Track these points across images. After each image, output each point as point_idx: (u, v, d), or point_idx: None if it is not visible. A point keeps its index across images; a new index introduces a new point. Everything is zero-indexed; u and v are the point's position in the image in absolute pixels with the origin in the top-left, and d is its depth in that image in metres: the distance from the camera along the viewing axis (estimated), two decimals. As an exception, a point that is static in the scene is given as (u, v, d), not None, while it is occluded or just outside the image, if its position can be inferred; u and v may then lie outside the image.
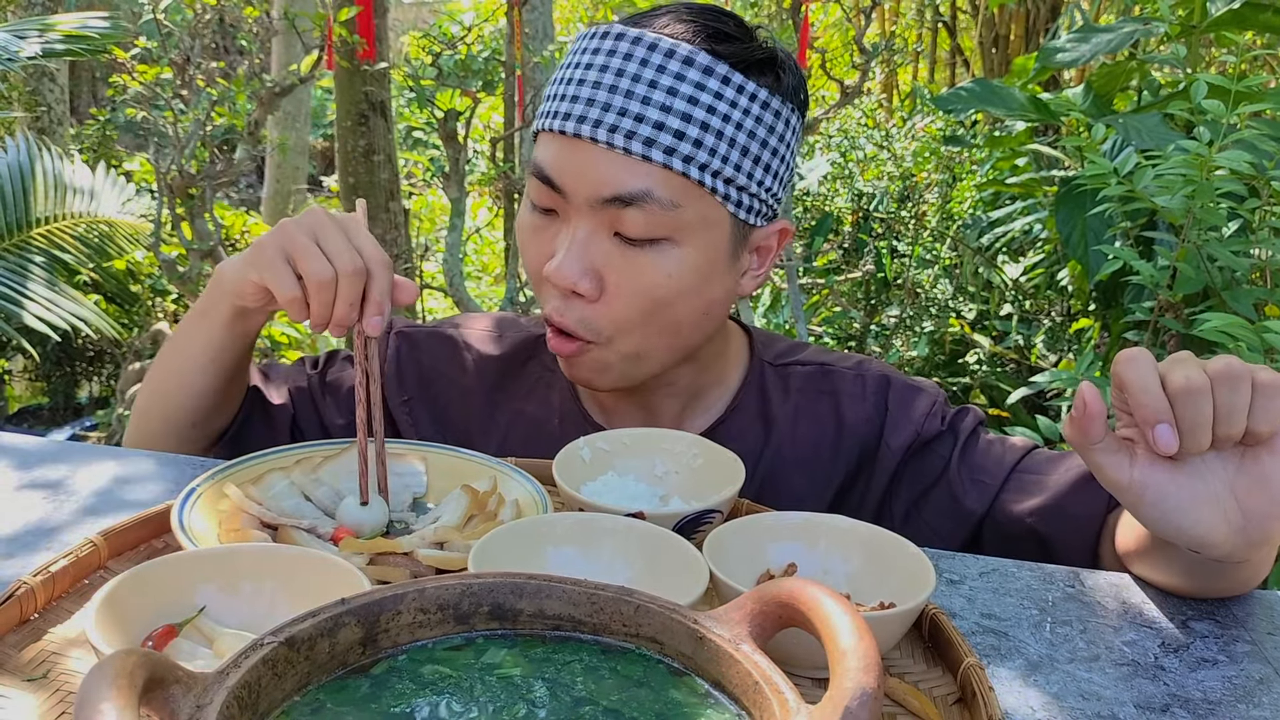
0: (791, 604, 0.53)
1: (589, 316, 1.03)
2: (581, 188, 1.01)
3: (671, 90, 1.00)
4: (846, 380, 1.19)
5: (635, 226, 1.00)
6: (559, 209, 1.04)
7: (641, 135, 0.99)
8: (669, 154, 0.99)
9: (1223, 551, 0.82)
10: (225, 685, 0.47)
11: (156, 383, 1.14)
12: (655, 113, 0.99)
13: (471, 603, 0.58)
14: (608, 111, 1.00)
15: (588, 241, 1.01)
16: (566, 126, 1.01)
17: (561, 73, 1.06)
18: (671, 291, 1.03)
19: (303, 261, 0.92)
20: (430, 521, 0.90)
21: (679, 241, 1.02)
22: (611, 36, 1.03)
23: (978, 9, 6.85)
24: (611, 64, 1.01)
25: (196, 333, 1.09)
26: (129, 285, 4.95)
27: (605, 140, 0.99)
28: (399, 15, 11.78)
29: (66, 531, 0.92)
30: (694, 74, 1.00)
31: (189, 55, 3.74)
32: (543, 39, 6.84)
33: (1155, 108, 2.60)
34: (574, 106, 1.01)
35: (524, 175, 4.66)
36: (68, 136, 6.23)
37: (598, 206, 1.00)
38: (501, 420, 1.19)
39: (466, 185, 4.12)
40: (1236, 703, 0.77)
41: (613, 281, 1.02)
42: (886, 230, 4.48)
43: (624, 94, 1.00)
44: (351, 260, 0.92)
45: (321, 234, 0.93)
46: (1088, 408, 0.80)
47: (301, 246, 0.92)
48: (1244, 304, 1.71)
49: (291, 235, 0.94)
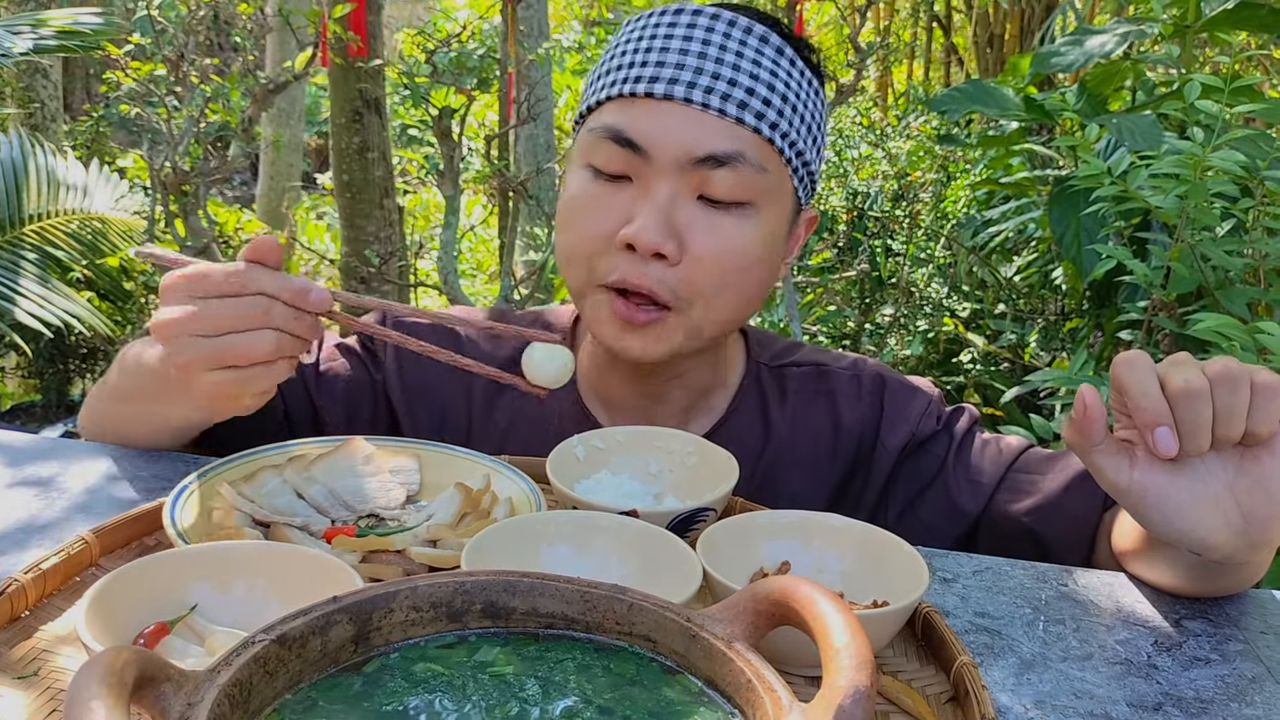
0: (785, 602, 0.53)
1: (669, 279, 1.02)
2: (670, 148, 1.00)
3: (755, 61, 1.03)
4: (842, 380, 1.19)
5: (723, 188, 1.01)
6: (634, 173, 1.03)
7: (735, 98, 1.01)
8: (759, 119, 1.02)
9: (1223, 553, 0.82)
10: (216, 683, 0.47)
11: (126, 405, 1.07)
12: (745, 79, 1.02)
13: (464, 601, 0.57)
14: (700, 75, 1.01)
15: (671, 203, 1.01)
16: (655, 89, 1.01)
17: (629, 44, 1.06)
18: (749, 258, 1.04)
19: (244, 356, 0.85)
20: (423, 519, 0.90)
21: (759, 207, 1.04)
22: (687, 12, 1.05)
23: (972, 7, 6.86)
24: (695, 34, 1.03)
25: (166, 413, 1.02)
26: (122, 282, 4.94)
27: (701, 101, 1.00)
28: (393, 12, 11.77)
29: (58, 528, 0.91)
30: (769, 50, 1.04)
31: (183, 52, 3.73)
32: (538, 36, 6.85)
33: (1149, 108, 2.61)
34: (661, 70, 1.02)
35: (519, 173, 4.66)
36: (61, 133, 6.21)
37: (686, 168, 1.01)
38: (501, 419, 1.18)
39: (461, 183, 4.11)
40: (1229, 701, 0.77)
41: (696, 243, 1.02)
42: (881, 229, 4.48)
43: (714, 60, 1.02)
44: (252, 307, 0.84)
45: (202, 325, 0.84)
46: (1088, 410, 0.80)
47: (221, 352, 0.85)
48: (1237, 303, 1.72)
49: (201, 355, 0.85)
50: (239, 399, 0.90)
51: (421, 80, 3.80)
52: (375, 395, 1.18)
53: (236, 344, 0.85)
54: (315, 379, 1.18)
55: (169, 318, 0.86)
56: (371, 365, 1.19)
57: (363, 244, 4.70)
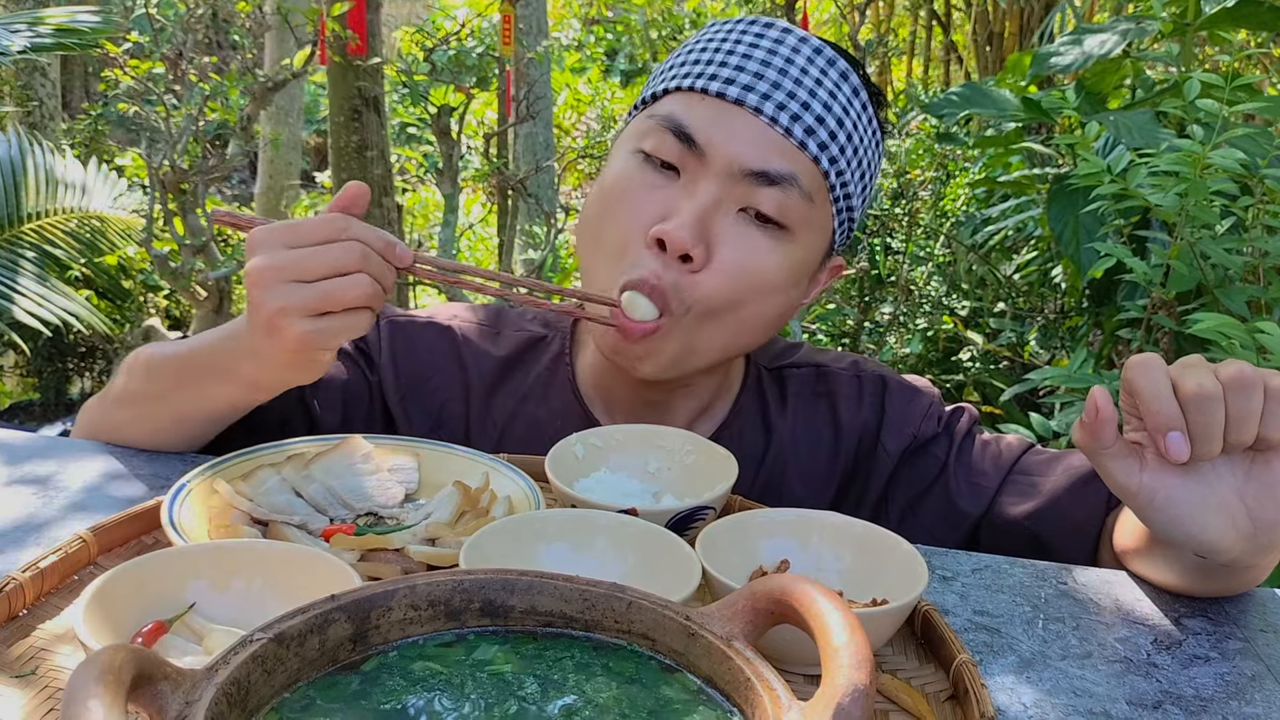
0: (784, 600, 0.53)
1: (684, 284, 0.99)
2: (727, 153, 0.98)
3: (832, 93, 1.02)
4: (842, 381, 1.18)
5: (768, 206, 0.99)
6: (685, 168, 1.00)
7: (804, 121, 1.00)
8: (821, 148, 1.00)
9: (1230, 557, 0.82)
10: (214, 682, 0.47)
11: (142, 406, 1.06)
12: (818, 106, 1.00)
13: (463, 599, 0.57)
14: (776, 89, 0.99)
15: (714, 208, 0.99)
16: (728, 90, 0.99)
17: (711, 43, 1.04)
18: (770, 282, 1.02)
19: (340, 300, 0.84)
20: (422, 518, 0.90)
21: (796, 235, 1.02)
22: (777, 29, 1.04)
23: (971, 5, 6.86)
24: (780, 50, 1.02)
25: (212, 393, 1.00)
26: (121, 281, 4.94)
27: (770, 115, 0.99)
28: (392, 10, 11.76)
29: (56, 527, 0.91)
30: (846, 88, 1.03)
31: (181, 50, 3.73)
32: (536, 35, 6.85)
33: (1147, 104, 2.61)
34: (737, 74, 1.00)
35: (518, 171, 4.66)
36: (59, 131, 6.21)
37: (737, 176, 0.99)
38: (499, 420, 1.17)
39: (460, 181, 4.11)
40: (1229, 700, 0.77)
41: (721, 254, 0.99)
42: (880, 227, 4.48)
43: (793, 80, 1.00)
44: (348, 252, 0.84)
45: (299, 271, 0.84)
46: (1100, 413, 0.79)
47: (317, 297, 0.84)
48: (1237, 302, 1.72)
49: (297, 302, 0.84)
50: (324, 352, 0.89)
51: (420, 78, 3.80)
52: (370, 397, 1.16)
53: (334, 288, 0.84)
54: (311, 385, 1.14)
55: (265, 265, 0.85)
56: (366, 367, 1.17)
57: (362, 242, 4.68)
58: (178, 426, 1.05)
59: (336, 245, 0.85)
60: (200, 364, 1.00)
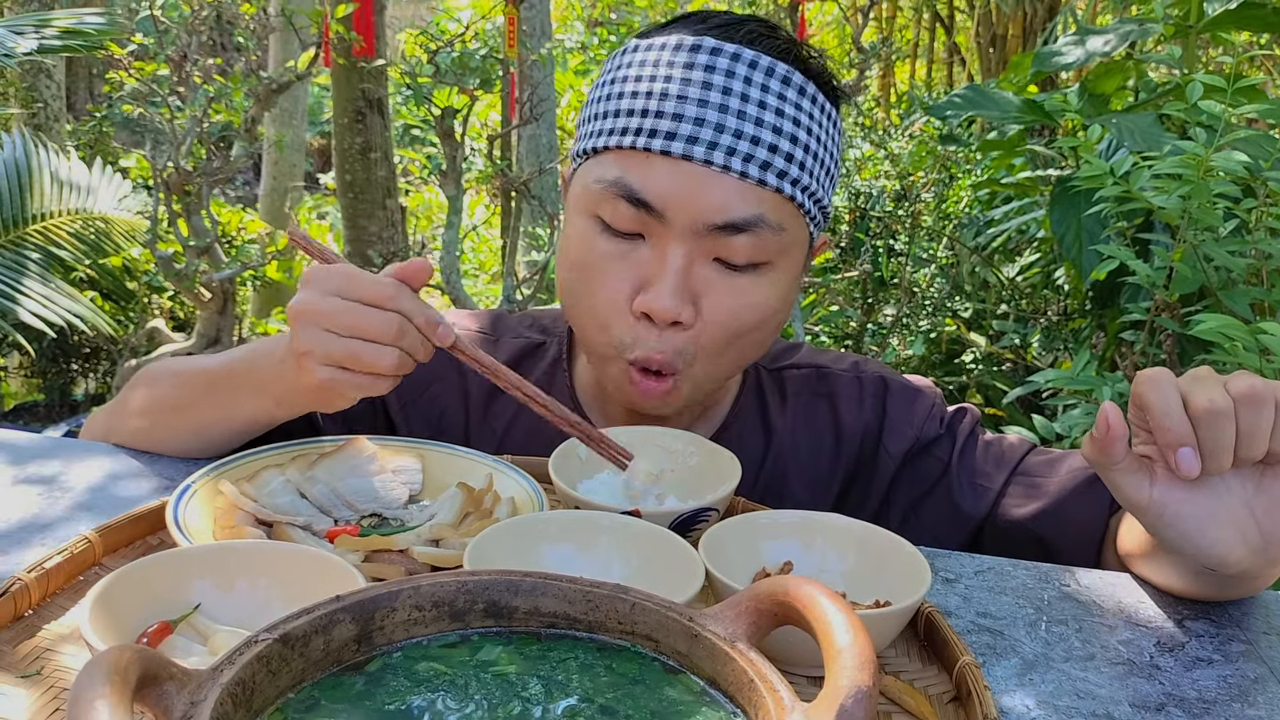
0: (787, 602, 0.53)
1: (681, 346, 0.99)
2: (687, 213, 0.95)
3: (779, 112, 0.97)
4: (843, 383, 1.18)
5: (742, 253, 0.97)
6: (648, 231, 0.98)
7: (758, 159, 0.96)
8: (781, 178, 0.97)
9: (1239, 570, 0.81)
10: (219, 682, 0.47)
11: (162, 415, 1.07)
12: (769, 135, 0.96)
13: (467, 600, 0.58)
14: (722, 133, 0.95)
15: (687, 269, 0.97)
16: (673, 147, 0.95)
17: (639, 81, 0.99)
18: (762, 316, 1.01)
19: (362, 364, 0.86)
20: (426, 519, 0.90)
21: (776, 265, 1.00)
22: (706, 51, 0.98)
23: (974, 8, 6.86)
24: (715, 80, 0.96)
25: (240, 403, 1.02)
26: (125, 282, 4.95)
27: (721, 164, 0.95)
28: (396, 12, 11.77)
29: (61, 528, 0.91)
30: (791, 94, 0.99)
31: (186, 52, 3.74)
32: (540, 36, 6.85)
33: (1149, 106, 2.60)
34: (679, 126, 0.95)
35: (521, 173, 4.66)
36: (64, 133, 6.22)
37: (702, 233, 0.96)
38: (498, 427, 1.17)
39: (464, 183, 4.11)
40: (1232, 702, 0.77)
41: (709, 306, 0.98)
42: (883, 229, 4.48)
43: (736, 114, 0.95)
44: (387, 324, 0.86)
45: (337, 324, 0.86)
46: (1110, 429, 0.79)
47: (344, 353, 0.86)
48: (1240, 304, 1.71)
49: (324, 350, 0.86)
50: (341, 397, 0.92)
51: (424, 80, 3.80)
52: (373, 406, 1.17)
53: (363, 352, 0.86)
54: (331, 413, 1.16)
55: (310, 306, 0.87)
56: None
57: (365, 244, 4.71)
58: (196, 436, 1.06)
59: (379, 313, 0.86)
60: (236, 374, 1.02)
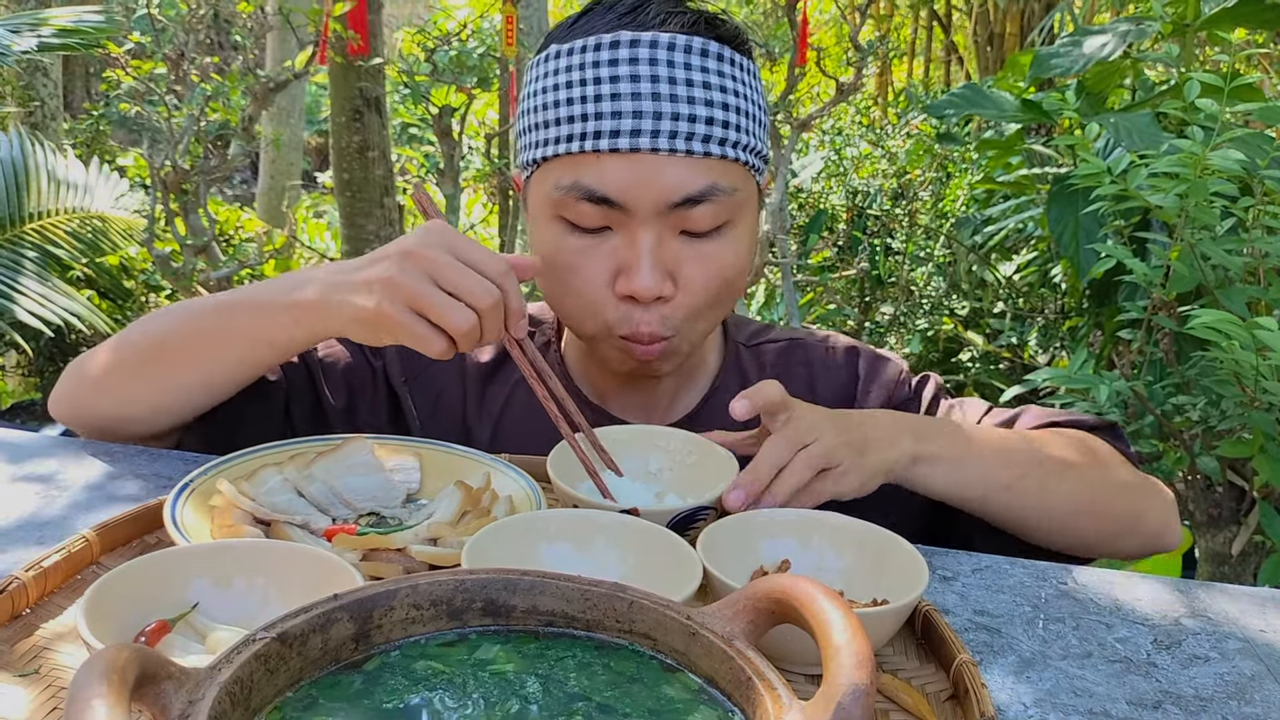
0: (785, 600, 0.54)
1: (667, 314, 1.05)
2: (647, 198, 1.01)
3: (706, 85, 1.02)
4: (817, 352, 1.24)
5: (705, 220, 1.03)
6: (614, 224, 1.03)
7: (699, 134, 1.01)
8: (723, 144, 1.03)
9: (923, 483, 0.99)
10: (217, 681, 0.47)
11: (162, 351, 1.06)
12: (703, 109, 1.02)
13: (465, 599, 0.58)
14: (661, 119, 1.00)
15: (658, 248, 1.03)
16: (620, 143, 1.00)
17: (570, 87, 1.03)
18: (736, 270, 1.07)
19: (442, 316, 0.88)
20: (424, 517, 0.90)
21: (736, 222, 1.06)
22: (625, 45, 1.02)
23: (972, 6, 6.86)
24: (640, 71, 1.01)
25: (255, 330, 1.02)
26: (122, 281, 4.94)
27: (668, 148, 1.00)
28: (393, 10, 11.76)
29: (59, 526, 0.91)
30: (712, 64, 1.04)
31: (183, 50, 3.73)
32: (538, 35, 6.83)
33: (1147, 105, 2.61)
34: (621, 122, 1.01)
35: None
36: (61, 131, 6.21)
37: (665, 212, 1.02)
38: (495, 406, 1.20)
39: (461, 181, 4.11)
40: (1228, 699, 0.77)
41: (685, 275, 1.05)
42: (881, 228, 4.49)
43: (669, 98, 1.01)
44: (486, 292, 0.89)
45: (440, 273, 0.89)
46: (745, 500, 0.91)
47: (430, 300, 0.88)
48: (1237, 302, 1.72)
49: (414, 289, 0.89)
50: (388, 334, 0.92)
51: (421, 79, 3.80)
52: (375, 382, 1.20)
53: (443, 305, 0.88)
54: (319, 367, 1.18)
55: (422, 250, 0.90)
56: (371, 354, 1.21)
57: (363, 242, 4.70)
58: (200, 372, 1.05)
59: (480, 280, 0.89)
60: (257, 293, 1.04)
